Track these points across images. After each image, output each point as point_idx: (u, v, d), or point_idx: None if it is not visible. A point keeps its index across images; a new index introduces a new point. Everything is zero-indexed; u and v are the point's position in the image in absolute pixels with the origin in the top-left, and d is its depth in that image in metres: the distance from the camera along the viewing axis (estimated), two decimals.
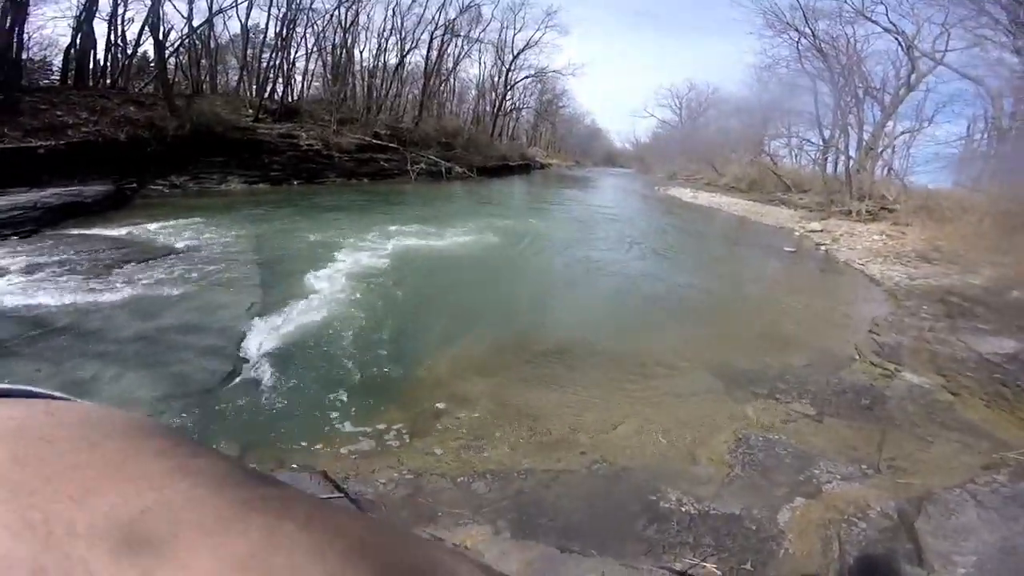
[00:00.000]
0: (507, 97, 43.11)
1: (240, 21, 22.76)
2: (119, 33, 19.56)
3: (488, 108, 41.55)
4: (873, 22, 20.06)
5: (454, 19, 31.10)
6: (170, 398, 4.11)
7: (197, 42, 22.13)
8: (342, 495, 3.11)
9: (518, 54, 39.88)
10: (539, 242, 12.09)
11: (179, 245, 8.66)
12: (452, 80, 37.98)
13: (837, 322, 7.66)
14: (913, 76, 19.67)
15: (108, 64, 19.50)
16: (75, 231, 9.13)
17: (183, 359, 4.78)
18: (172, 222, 10.26)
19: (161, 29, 18.46)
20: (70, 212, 10.30)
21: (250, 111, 20.64)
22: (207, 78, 23.20)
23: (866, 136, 21.29)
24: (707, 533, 2.92)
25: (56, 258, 7.38)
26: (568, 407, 4.42)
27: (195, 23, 21.11)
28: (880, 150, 20.60)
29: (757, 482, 3.45)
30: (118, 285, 6.51)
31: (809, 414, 4.54)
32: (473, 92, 42.06)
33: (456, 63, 35.74)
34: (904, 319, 7.80)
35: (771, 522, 3.04)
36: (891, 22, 19.59)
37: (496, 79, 40.95)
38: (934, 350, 6.36)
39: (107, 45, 19.30)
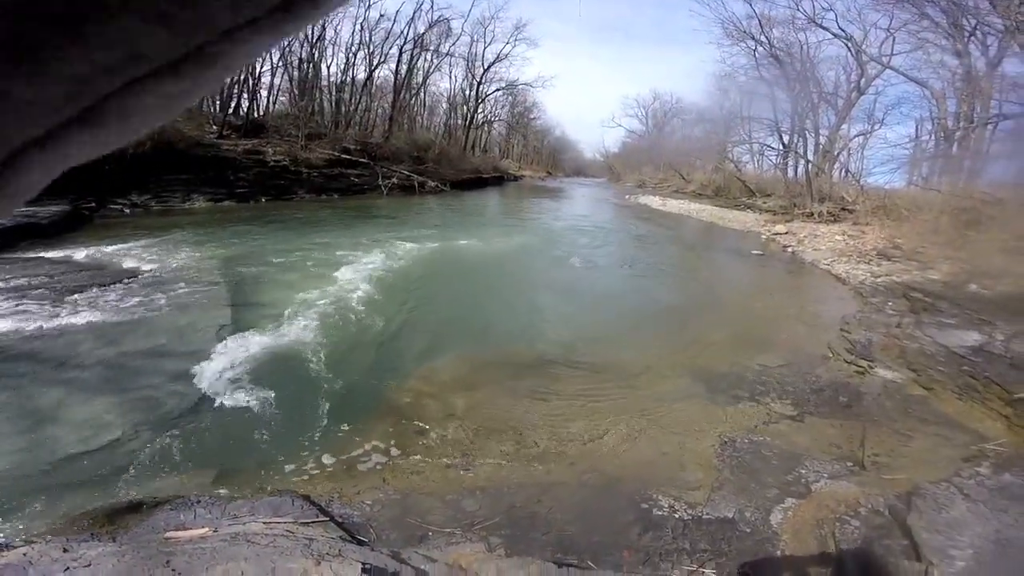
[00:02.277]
0: (478, 110, 43.23)
1: None
2: None
3: (460, 121, 41.60)
4: (824, 28, 21.04)
5: (423, 33, 31.20)
6: (140, 425, 3.93)
7: None
8: (327, 518, 3.00)
9: (488, 67, 40.19)
10: (514, 254, 12.08)
11: (143, 267, 8.31)
12: (423, 94, 37.94)
13: (809, 321, 7.86)
14: (863, 80, 20.65)
15: None
16: (31, 254, 8.66)
17: (152, 384, 4.60)
18: (134, 243, 9.87)
19: None
20: (24, 234, 9.75)
21: (214, 127, 20.15)
22: None
23: (823, 140, 22.19)
24: (703, 538, 2.92)
25: (13, 283, 6.97)
26: (554, 418, 4.38)
27: None
28: (836, 153, 21.47)
29: (747, 485, 3.47)
30: (80, 310, 6.21)
31: (790, 414, 4.62)
32: (444, 105, 42.12)
33: (426, 77, 35.73)
34: (872, 316, 8.06)
35: (765, 524, 3.06)
36: (841, 28, 20.62)
37: (467, 92, 41.13)
38: (903, 345, 6.57)
39: None
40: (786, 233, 16.70)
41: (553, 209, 25.28)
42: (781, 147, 24.99)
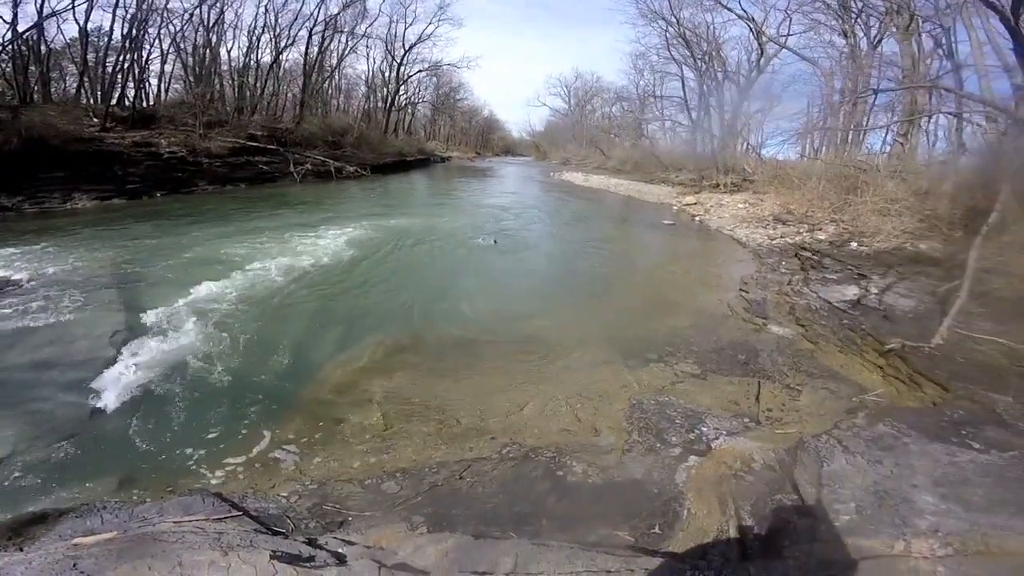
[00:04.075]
0: (400, 92, 41.80)
1: (78, 24, 19.76)
2: None
3: (380, 104, 40.01)
4: (728, 9, 22.26)
5: (336, 14, 29.52)
6: (33, 439, 3.72)
7: (23, 48, 18.88)
8: (240, 513, 2.97)
9: (410, 48, 38.61)
10: (432, 235, 11.94)
11: (17, 276, 7.41)
12: (337, 77, 36.09)
13: (712, 284, 8.45)
14: (762, 59, 22.11)
15: None
16: None
17: (41, 397, 4.34)
18: (7, 250, 8.77)
19: None
20: None
21: (95, 119, 18.08)
22: (37, 86, 19.92)
23: (727, 116, 23.60)
24: (615, 502, 3.09)
25: None
26: (475, 395, 4.46)
27: (20, 28, 18.00)
28: (740, 128, 22.92)
29: (654, 445, 3.70)
30: None
31: (695, 373, 4.95)
32: (363, 88, 40.28)
33: (341, 59, 33.97)
34: (767, 275, 8.79)
35: (671, 484, 3.26)
36: (744, 9, 21.86)
37: (387, 74, 39.54)
38: (793, 302, 7.21)
39: None
40: (695, 204, 17.71)
41: (477, 189, 25.20)
42: (690, 123, 26.30)
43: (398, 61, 38.78)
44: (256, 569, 2.28)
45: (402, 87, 41.54)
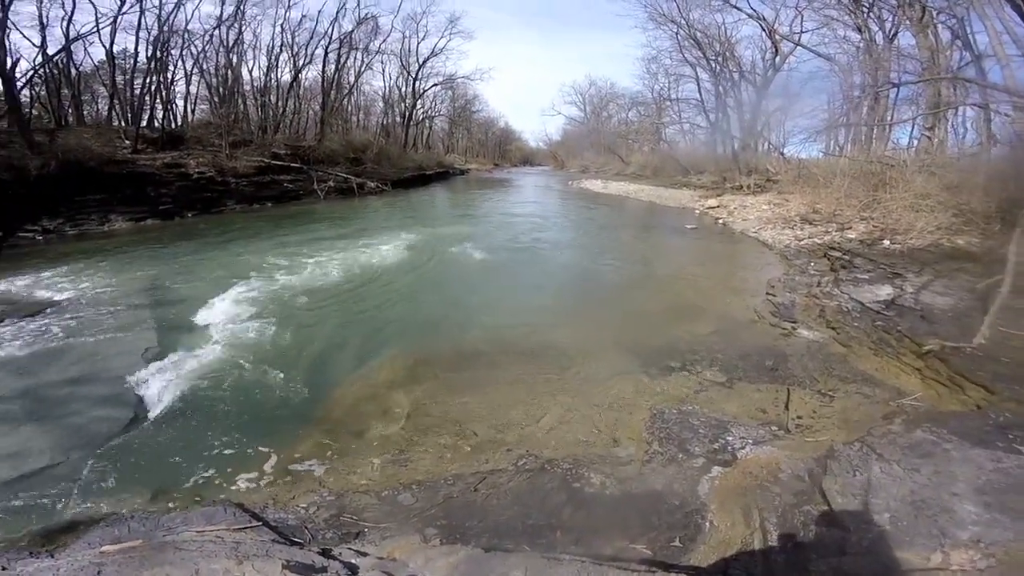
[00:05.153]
0: (417, 106, 42.37)
1: (104, 47, 20.72)
2: None
3: (398, 119, 40.71)
4: (738, 9, 21.99)
5: (350, 32, 30.23)
6: (69, 450, 3.86)
7: (55, 71, 19.87)
8: (260, 523, 3.00)
9: (424, 63, 39.31)
10: (449, 246, 11.98)
11: (59, 297, 7.72)
12: (356, 94, 36.89)
13: (737, 288, 8.23)
14: (777, 58, 21.73)
15: None
16: None
17: (77, 411, 4.50)
18: (49, 272, 9.13)
19: (8, 59, 16.36)
20: None
21: (127, 141, 18.84)
22: (71, 109, 20.90)
23: (746, 116, 23.22)
24: (633, 514, 2.98)
25: None
26: (492, 407, 4.40)
27: (50, 51, 18.98)
28: (759, 127, 22.52)
29: (676, 456, 3.57)
30: None
31: (719, 381, 4.77)
32: (381, 104, 41.09)
33: (358, 76, 34.73)
34: (795, 278, 8.53)
35: (693, 495, 3.12)
36: (753, 8, 21.56)
37: (403, 89, 40.27)
38: (823, 305, 6.95)
39: None
40: (718, 206, 17.41)
41: (495, 200, 25.30)
42: (708, 125, 25.98)
43: (413, 76, 39.43)
44: None
45: (418, 101, 42.18)
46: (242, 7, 23.72)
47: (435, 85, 43.27)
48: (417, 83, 40.14)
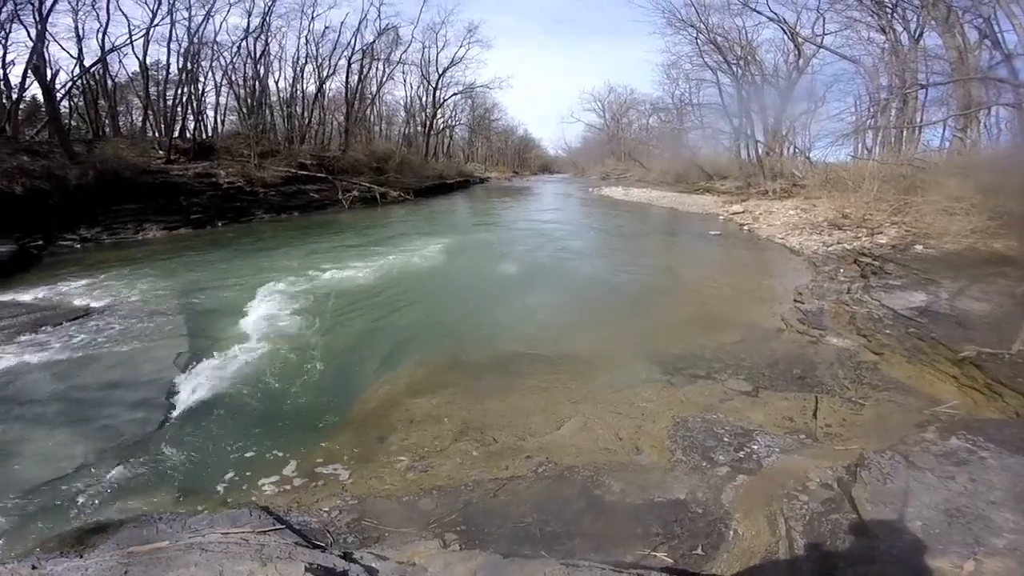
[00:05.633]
0: (437, 116, 42.89)
1: (137, 58, 21.57)
2: (0, 77, 17.99)
3: (419, 128, 41.27)
4: (757, 12, 21.67)
5: (372, 43, 30.87)
6: (103, 452, 3.97)
7: (91, 83, 20.75)
8: (283, 526, 3.04)
9: (443, 72, 39.81)
10: (475, 254, 12.09)
11: (96, 304, 8.01)
12: (377, 103, 37.59)
13: (764, 295, 8.07)
14: (800, 60, 21.35)
15: None
16: None
17: (111, 414, 4.63)
18: (86, 280, 9.49)
19: (48, 71, 17.15)
20: None
21: (160, 152, 19.52)
22: (107, 120, 21.76)
23: (770, 120, 22.84)
24: (654, 522, 2.94)
25: None
26: (513, 414, 4.40)
27: (87, 63, 19.84)
28: (784, 132, 22.12)
29: (699, 464, 3.51)
30: (30, 351, 6.04)
31: (745, 390, 4.69)
32: (402, 114, 41.77)
33: (380, 86, 35.39)
34: (824, 284, 8.32)
35: (716, 503, 3.07)
36: (773, 11, 21.22)
37: (424, 99, 40.86)
38: (853, 312, 6.76)
39: None
40: (742, 212, 17.14)
41: (517, 208, 25.40)
42: (731, 130, 25.63)
43: (433, 85, 39.89)
44: None
45: (439, 111, 42.64)
46: (267, 18, 24.43)
47: (455, 94, 43.78)
48: (437, 92, 40.64)
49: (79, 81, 20.01)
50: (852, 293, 7.66)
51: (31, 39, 16.89)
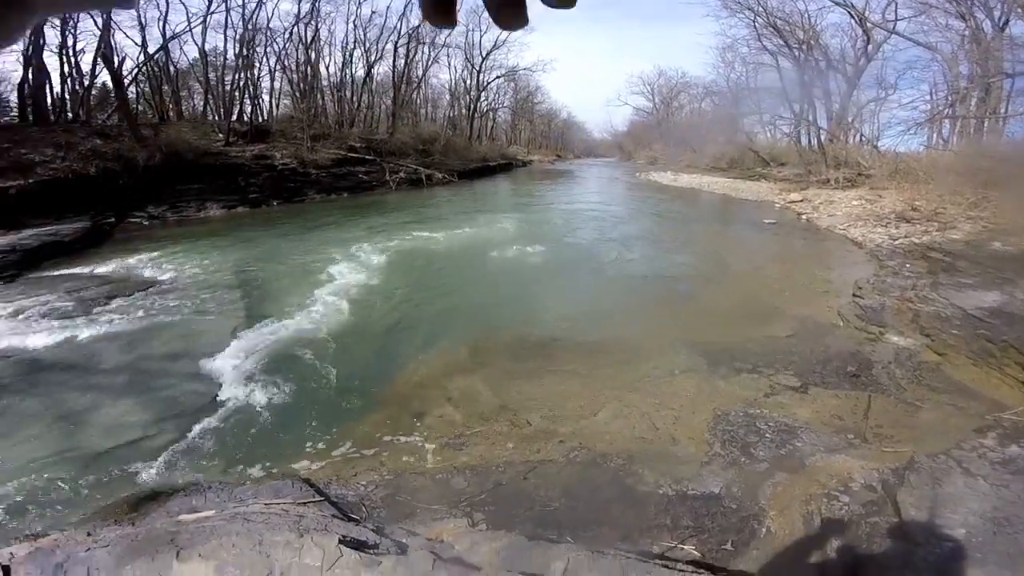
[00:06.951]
0: (481, 99, 42.84)
1: (197, 45, 22.50)
2: (72, 65, 19.11)
3: (463, 111, 41.37)
4: None
5: (417, 26, 30.97)
6: (162, 421, 4.21)
7: (155, 69, 21.84)
8: (322, 499, 3.15)
9: (487, 55, 39.64)
10: (518, 236, 12.01)
11: (162, 277, 8.56)
12: (423, 87, 37.83)
13: (820, 288, 7.64)
14: (869, 46, 19.82)
15: (66, 97, 19.07)
16: (57, 272, 8.97)
17: (171, 384, 4.90)
18: (153, 254, 10.13)
19: (115, 59, 18.16)
20: (50, 253, 10.10)
21: (220, 135, 20.42)
22: (171, 104, 22.89)
23: (835, 107, 21.43)
24: (685, 514, 2.87)
25: (41, 300, 7.27)
26: (549, 398, 4.37)
27: (150, 50, 20.88)
28: (851, 119, 20.71)
29: (738, 459, 3.40)
30: (103, 321, 6.49)
31: (793, 386, 4.49)
32: (447, 97, 41.92)
33: (425, 70, 35.54)
34: (887, 279, 7.80)
35: (752, 500, 2.97)
36: None
37: (468, 82, 40.84)
38: (917, 309, 6.34)
39: (62, 78, 18.73)
40: (801, 201, 16.26)
41: (560, 191, 25.08)
42: (792, 116, 24.21)
43: (477, 69, 39.77)
44: (324, 551, 2.38)
45: (482, 94, 42.50)
46: (317, 4, 24.85)
47: (498, 77, 43.49)
48: (481, 75, 40.52)
49: (144, 68, 21.09)
50: (918, 290, 7.15)
51: (98, 28, 17.89)
